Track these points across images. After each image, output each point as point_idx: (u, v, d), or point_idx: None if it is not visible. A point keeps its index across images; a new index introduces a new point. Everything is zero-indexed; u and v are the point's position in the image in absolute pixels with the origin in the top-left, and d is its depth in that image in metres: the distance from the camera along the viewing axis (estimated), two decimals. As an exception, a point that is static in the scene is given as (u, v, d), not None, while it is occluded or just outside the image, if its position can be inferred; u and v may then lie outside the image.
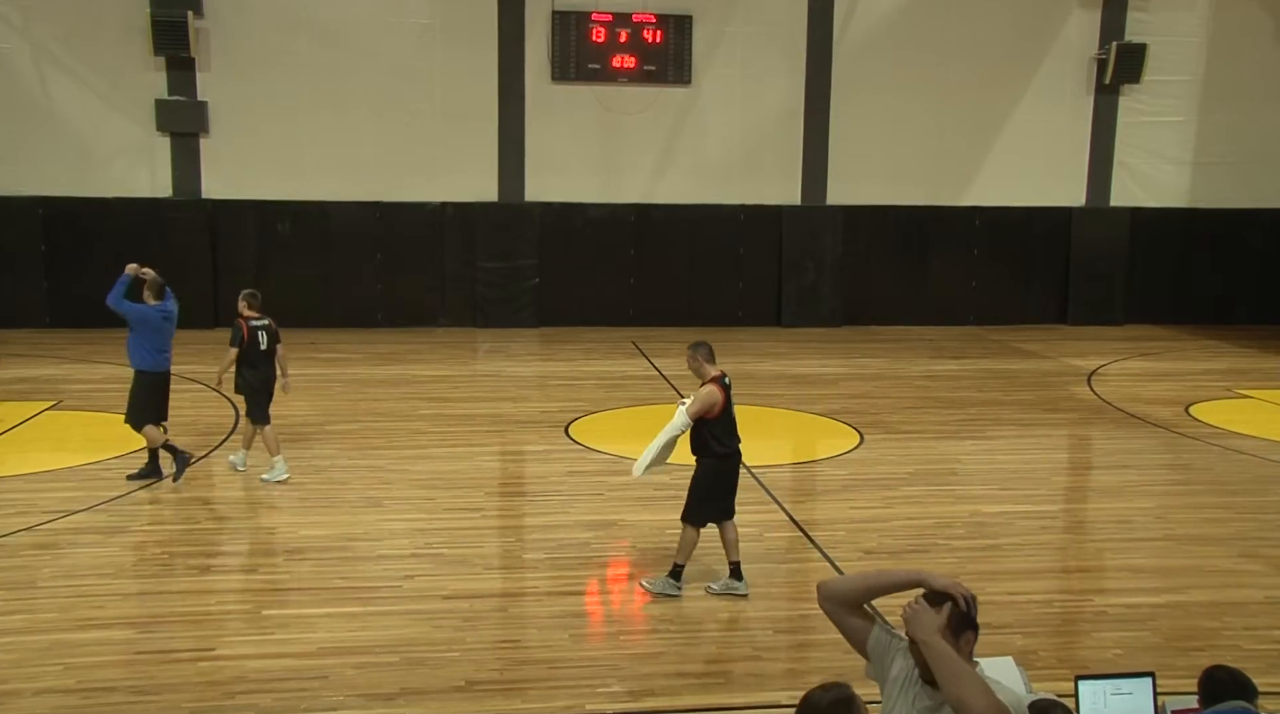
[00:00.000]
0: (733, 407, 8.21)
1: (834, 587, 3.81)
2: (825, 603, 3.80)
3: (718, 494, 8.22)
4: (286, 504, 10.30)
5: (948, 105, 20.84)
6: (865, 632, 3.75)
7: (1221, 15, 21.24)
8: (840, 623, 3.79)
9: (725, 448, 8.14)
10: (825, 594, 3.80)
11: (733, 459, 8.23)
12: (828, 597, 3.79)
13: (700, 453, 8.19)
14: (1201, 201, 21.64)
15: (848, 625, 3.78)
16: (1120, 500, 10.97)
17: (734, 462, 8.25)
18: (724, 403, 8.05)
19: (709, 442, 8.10)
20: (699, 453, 8.19)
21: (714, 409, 8.02)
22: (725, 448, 8.14)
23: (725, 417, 8.11)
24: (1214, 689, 4.42)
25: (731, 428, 8.19)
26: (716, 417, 8.06)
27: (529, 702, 6.73)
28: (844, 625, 3.79)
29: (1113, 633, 7.80)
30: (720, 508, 8.27)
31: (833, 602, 3.78)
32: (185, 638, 7.43)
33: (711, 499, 8.20)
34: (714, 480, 8.17)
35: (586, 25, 19.67)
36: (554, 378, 16.34)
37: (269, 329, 11.17)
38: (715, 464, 8.15)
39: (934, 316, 21.06)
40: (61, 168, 18.87)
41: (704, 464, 8.19)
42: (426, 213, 19.88)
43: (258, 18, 19.14)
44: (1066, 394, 15.64)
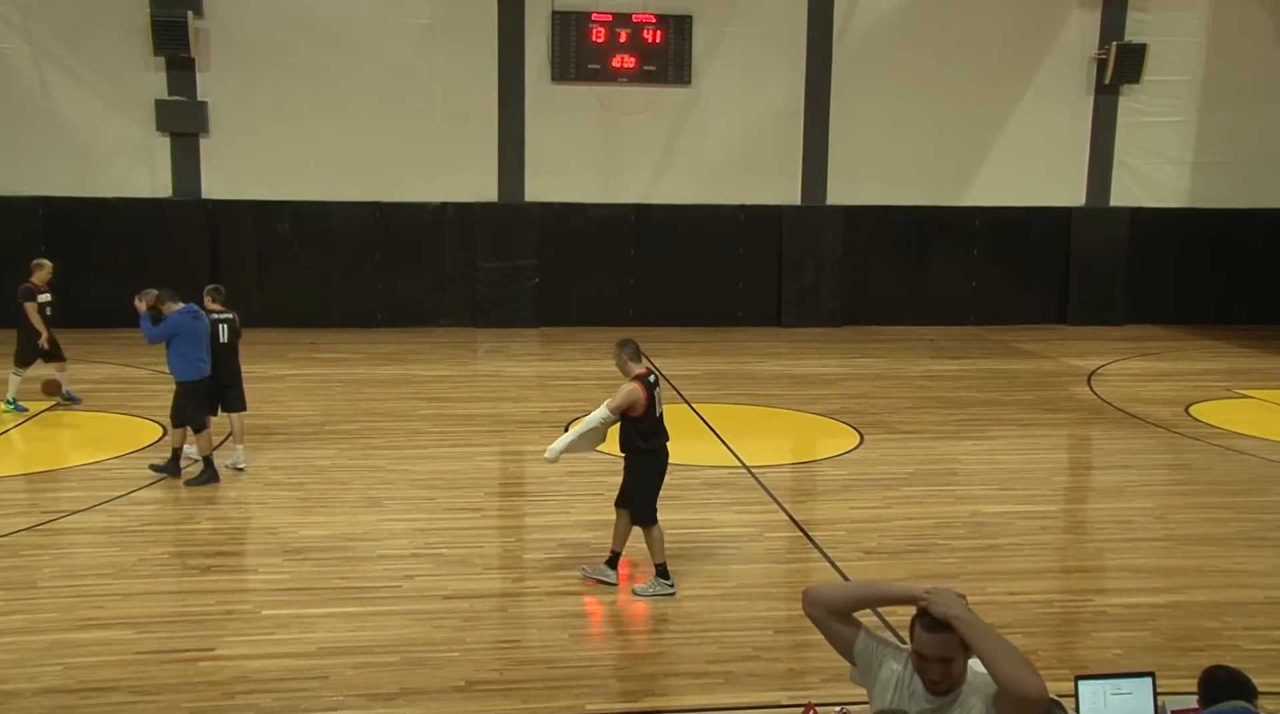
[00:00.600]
0: (658, 405, 8.31)
1: (821, 594, 3.80)
2: (811, 609, 3.79)
3: (655, 488, 8.37)
4: (286, 504, 10.30)
5: (948, 105, 20.84)
6: (851, 637, 3.76)
7: (1221, 15, 21.24)
8: (825, 629, 3.80)
9: (649, 445, 8.28)
10: (811, 600, 3.79)
11: (659, 456, 8.37)
12: (813, 603, 3.78)
13: (627, 450, 8.33)
14: (1201, 201, 21.64)
15: (833, 632, 3.79)
16: (1120, 500, 10.97)
17: (660, 458, 8.39)
18: (647, 401, 8.15)
19: (634, 439, 8.24)
20: (626, 450, 8.34)
21: (636, 407, 8.13)
22: (649, 445, 8.28)
23: (649, 415, 8.21)
24: (1214, 689, 4.42)
25: (657, 426, 8.32)
26: (640, 415, 8.17)
27: (529, 702, 6.73)
28: (829, 631, 3.80)
29: (1113, 633, 7.81)
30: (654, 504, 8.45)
31: (818, 608, 3.77)
32: (185, 638, 7.43)
33: (653, 493, 8.35)
34: (646, 475, 8.31)
35: (586, 25, 19.67)
36: (554, 378, 16.34)
37: (231, 323, 11.32)
38: (641, 460, 8.28)
39: (934, 316, 21.06)
40: (61, 168, 18.87)
41: (630, 461, 8.34)
42: (426, 213, 19.88)
43: (258, 18, 19.14)
44: (1066, 394, 15.65)
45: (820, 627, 3.80)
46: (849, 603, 3.79)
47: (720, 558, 9.10)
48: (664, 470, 8.43)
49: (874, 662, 3.71)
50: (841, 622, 3.77)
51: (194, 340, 10.83)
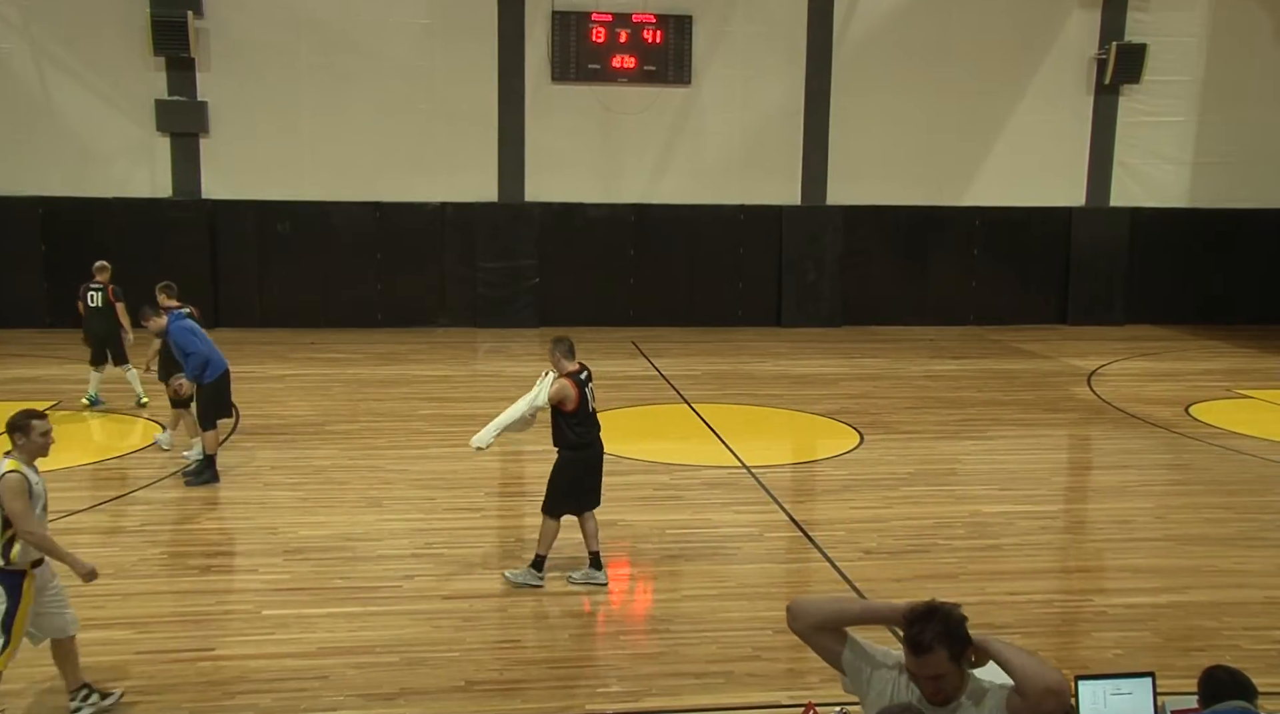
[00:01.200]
0: (590, 402, 8.43)
1: (804, 608, 3.78)
2: (794, 623, 3.77)
3: (577, 487, 8.46)
4: (286, 504, 10.30)
5: (948, 105, 20.83)
6: (838, 650, 3.74)
7: (1221, 15, 21.24)
8: (811, 643, 3.78)
9: (581, 440, 8.38)
10: (794, 615, 3.77)
11: (590, 450, 8.45)
12: (796, 617, 3.76)
13: (559, 444, 8.43)
14: (1201, 201, 21.64)
15: (819, 645, 3.77)
16: (1120, 500, 10.97)
17: (591, 453, 8.49)
18: (578, 398, 8.28)
19: (566, 433, 8.36)
20: (558, 444, 8.43)
21: (568, 402, 8.26)
22: (581, 440, 8.38)
23: (581, 410, 8.33)
24: (1214, 689, 4.42)
25: (588, 421, 8.42)
26: (572, 410, 8.29)
27: (529, 702, 6.73)
28: (815, 645, 3.78)
29: (1113, 633, 7.81)
30: (579, 501, 8.52)
31: (802, 623, 3.75)
32: (185, 638, 7.43)
33: (571, 492, 8.45)
34: (572, 472, 8.40)
35: (586, 25, 19.67)
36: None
37: (192, 318, 11.48)
38: (572, 455, 8.38)
39: (934, 316, 21.07)
40: (61, 168, 18.87)
41: (562, 456, 8.43)
42: (426, 213, 19.88)
43: (258, 18, 19.14)
44: (1066, 394, 15.64)
45: (806, 641, 3.79)
46: (832, 619, 3.76)
47: (720, 558, 9.10)
48: (596, 465, 8.58)
49: (865, 672, 3.70)
50: (827, 636, 3.74)
51: (204, 341, 10.87)
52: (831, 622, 3.74)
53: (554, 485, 8.43)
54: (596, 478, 8.59)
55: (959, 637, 3.45)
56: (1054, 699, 3.32)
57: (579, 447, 8.37)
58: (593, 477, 8.55)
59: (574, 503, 8.49)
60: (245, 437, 12.59)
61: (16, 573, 6.08)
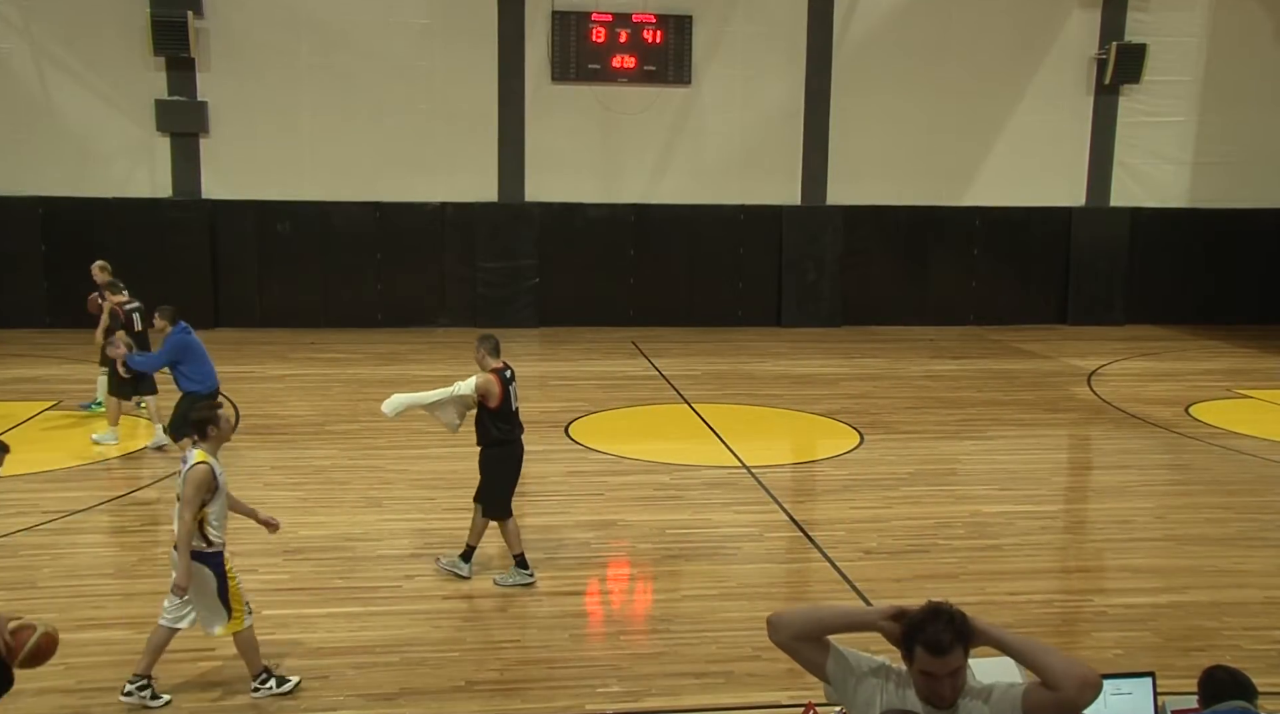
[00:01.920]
0: (514, 399, 8.56)
1: (784, 620, 3.74)
2: (775, 635, 3.72)
3: (510, 483, 8.61)
4: (286, 504, 10.29)
5: (948, 105, 20.83)
6: (821, 660, 3.70)
7: (1221, 15, 21.24)
8: (794, 654, 3.74)
9: (504, 435, 8.51)
10: (775, 627, 3.73)
11: (511, 447, 8.57)
12: (777, 629, 3.72)
13: (482, 441, 8.54)
14: (1201, 201, 21.64)
15: (802, 657, 3.73)
16: (1120, 500, 10.97)
17: (513, 450, 8.59)
18: (502, 395, 8.42)
19: (490, 429, 8.49)
20: (481, 442, 8.55)
21: (491, 398, 8.39)
22: (504, 435, 8.51)
23: (504, 408, 8.46)
24: (1214, 689, 4.42)
25: (511, 418, 8.55)
26: (496, 407, 8.42)
27: (529, 702, 6.73)
28: (798, 657, 3.74)
29: (1113, 633, 7.81)
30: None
31: (783, 634, 3.71)
32: (185, 638, 7.41)
33: (506, 486, 8.58)
34: (500, 467, 8.55)
35: (586, 25, 19.67)
36: (554, 378, 16.33)
37: (140, 311, 11.81)
38: (496, 451, 8.51)
39: (934, 316, 21.06)
40: (61, 168, 18.87)
41: (486, 453, 8.55)
42: (426, 213, 19.88)
43: (258, 18, 19.14)
44: (1066, 394, 15.64)
45: (789, 653, 3.74)
46: (812, 628, 3.71)
47: (720, 558, 9.10)
48: (518, 464, 8.68)
49: (850, 681, 3.66)
50: (808, 647, 3.70)
51: (198, 356, 10.91)
52: (811, 631, 3.70)
53: (491, 488, 8.53)
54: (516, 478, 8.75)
55: (967, 633, 3.45)
56: (1092, 692, 3.34)
57: (502, 443, 8.50)
58: (518, 474, 8.71)
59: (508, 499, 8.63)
60: (245, 436, 12.59)
61: (216, 554, 6.63)
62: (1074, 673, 3.36)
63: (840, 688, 3.69)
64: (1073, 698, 3.35)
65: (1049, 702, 3.38)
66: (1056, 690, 3.36)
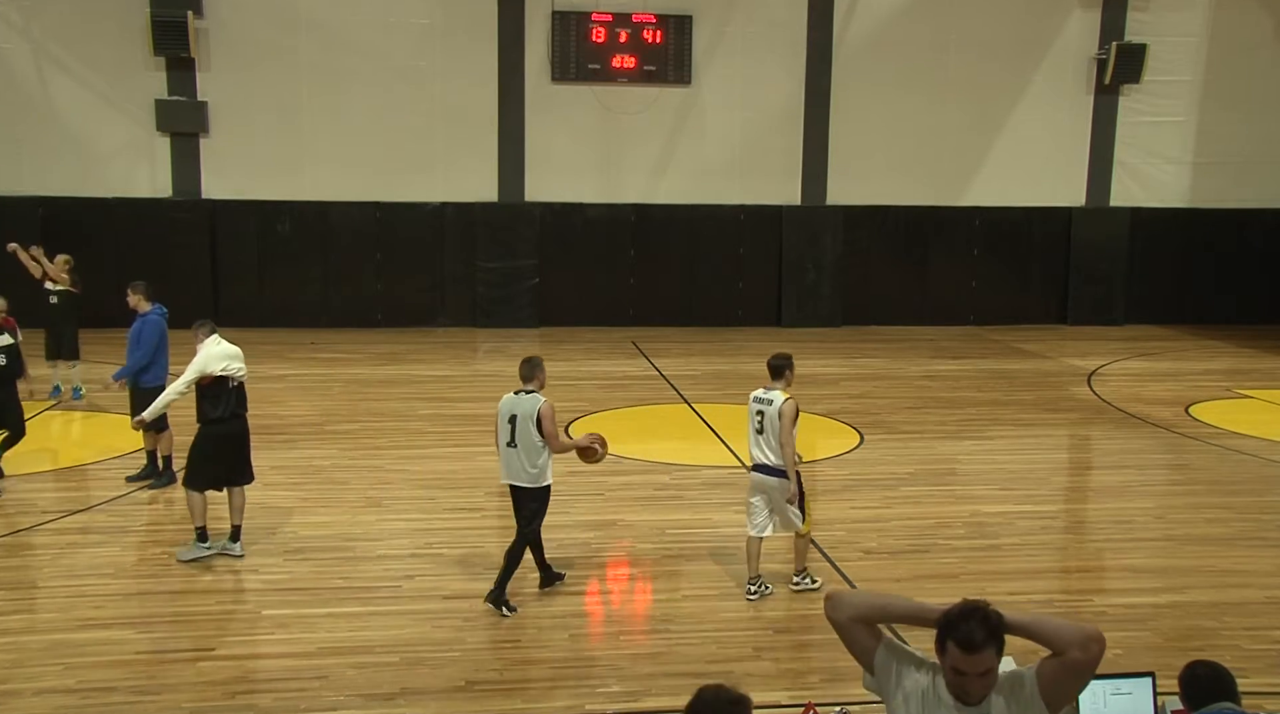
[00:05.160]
0: (232, 380, 8.86)
1: (845, 599, 3.76)
2: (834, 613, 3.74)
3: (215, 458, 8.82)
4: (286, 504, 10.29)
5: (947, 105, 20.84)
6: (872, 647, 3.71)
7: (1221, 15, 21.24)
8: (846, 635, 3.75)
9: (217, 415, 8.78)
10: (835, 604, 3.75)
11: (225, 425, 8.84)
12: (837, 607, 3.73)
13: (199, 419, 8.84)
14: (1201, 201, 21.65)
15: (853, 639, 3.74)
16: (1120, 500, 10.96)
17: (227, 428, 8.86)
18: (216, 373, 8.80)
19: (204, 408, 8.81)
20: (199, 420, 8.85)
21: (205, 378, 8.75)
22: (217, 415, 8.78)
23: (219, 385, 8.77)
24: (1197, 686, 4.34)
25: (226, 396, 8.81)
26: (210, 385, 8.76)
27: (529, 702, 6.73)
28: (849, 638, 3.75)
29: (1113, 633, 7.68)
30: (220, 474, 8.91)
31: (842, 613, 3.72)
32: (185, 638, 7.43)
33: (209, 463, 8.83)
34: (208, 445, 8.83)
35: (586, 25, 19.67)
36: (554, 378, 16.14)
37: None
38: (207, 429, 8.83)
39: (934, 316, 21.06)
40: (61, 168, 18.87)
41: (200, 430, 8.86)
42: (426, 213, 19.88)
43: (258, 18, 19.14)
44: (1066, 394, 15.64)
45: (841, 632, 3.75)
46: (873, 613, 3.73)
47: (720, 558, 9.10)
48: (237, 439, 8.96)
49: (893, 672, 3.68)
50: (863, 630, 3.71)
51: (165, 344, 10.73)
52: (871, 616, 3.72)
53: (192, 458, 8.88)
54: (242, 452, 9.00)
55: (1000, 633, 3.46)
56: (1097, 645, 3.37)
57: (214, 421, 8.77)
58: (236, 451, 8.95)
59: (213, 474, 8.83)
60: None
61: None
62: (1077, 632, 3.40)
63: (883, 677, 3.70)
64: (1078, 657, 3.38)
65: (1059, 668, 3.41)
66: (1062, 654, 3.40)
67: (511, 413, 8.05)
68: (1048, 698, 3.43)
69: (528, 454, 7.95)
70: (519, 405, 8.05)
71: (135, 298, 10.84)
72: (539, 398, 8.04)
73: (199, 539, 8.84)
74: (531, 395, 8.10)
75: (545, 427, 7.86)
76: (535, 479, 7.98)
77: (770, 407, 8.22)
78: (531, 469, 7.97)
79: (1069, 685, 3.44)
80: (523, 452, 7.95)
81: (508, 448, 8.02)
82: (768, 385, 8.41)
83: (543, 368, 8.34)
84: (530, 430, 7.93)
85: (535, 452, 7.94)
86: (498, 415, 8.17)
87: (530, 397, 8.09)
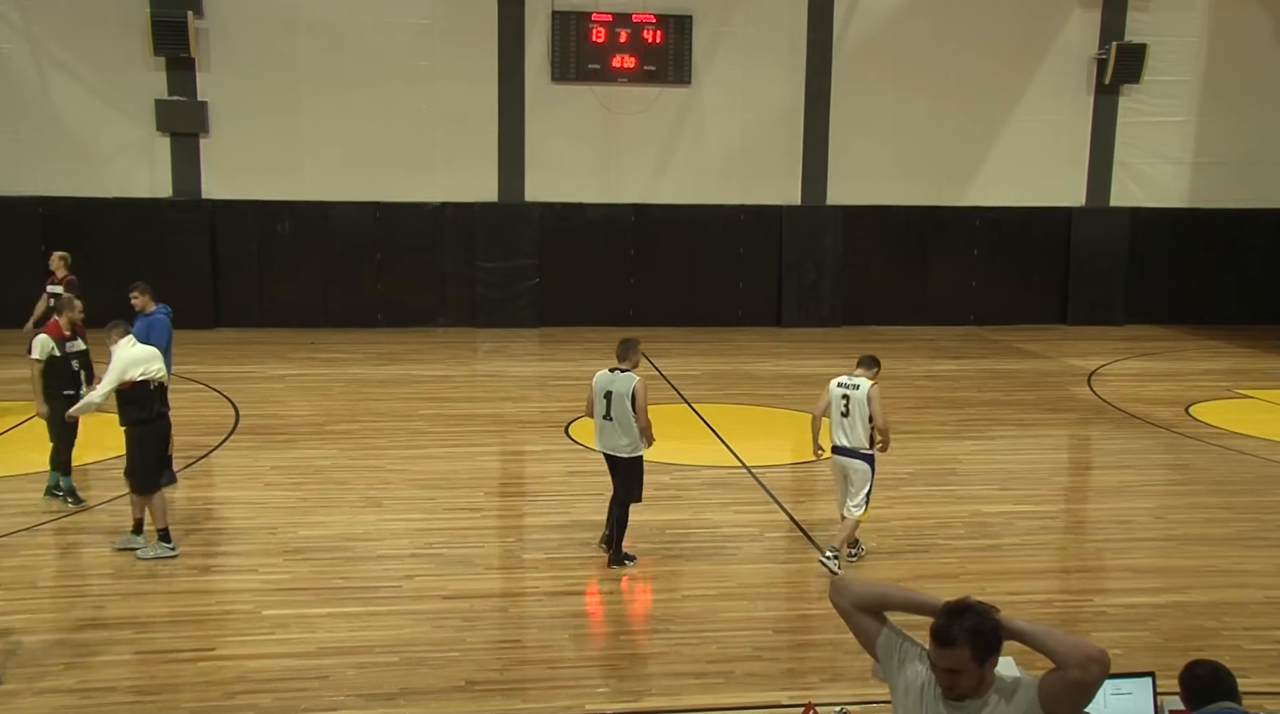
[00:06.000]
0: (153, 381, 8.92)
1: (849, 586, 3.84)
2: (838, 598, 3.82)
3: (154, 458, 8.91)
4: (286, 504, 10.30)
5: (948, 105, 20.83)
6: (875, 632, 3.77)
7: (1221, 15, 21.24)
8: (850, 621, 3.82)
9: (146, 415, 8.85)
10: (838, 590, 3.84)
11: (154, 426, 8.92)
12: (840, 592, 3.82)
13: (125, 422, 8.89)
14: (1201, 201, 21.64)
15: (858, 625, 3.80)
16: (1120, 500, 10.97)
17: (156, 429, 8.95)
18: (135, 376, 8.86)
19: (130, 412, 8.87)
20: (125, 423, 8.90)
21: (124, 383, 8.80)
22: (146, 415, 8.85)
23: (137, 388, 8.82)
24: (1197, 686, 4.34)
25: (151, 396, 8.88)
26: (128, 387, 8.81)
27: (529, 702, 6.73)
28: (853, 624, 3.81)
29: (1113, 633, 7.80)
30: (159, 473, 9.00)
31: (845, 599, 3.79)
32: (185, 638, 7.43)
33: (152, 463, 8.87)
34: (142, 444, 8.87)
35: (586, 25, 19.67)
36: (554, 378, 16.34)
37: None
38: (135, 430, 8.86)
39: (934, 316, 21.05)
40: (61, 168, 18.86)
41: (134, 434, 8.89)
42: (426, 213, 19.88)
43: (258, 18, 19.13)
44: (1066, 394, 15.64)
45: (846, 619, 3.82)
46: (876, 600, 3.79)
47: (720, 558, 9.11)
48: (165, 439, 9.04)
49: (896, 659, 3.73)
50: (867, 616, 3.78)
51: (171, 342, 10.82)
52: (875, 604, 3.78)
53: (135, 464, 8.83)
54: (167, 451, 9.12)
55: (986, 640, 3.48)
56: (1097, 667, 3.36)
57: (139, 422, 8.80)
58: (165, 450, 9.06)
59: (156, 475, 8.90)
60: (245, 436, 12.60)
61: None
62: (1078, 650, 3.39)
63: (886, 662, 3.76)
64: (1078, 676, 3.37)
65: (1058, 683, 3.41)
66: (1064, 670, 3.40)
67: (607, 389, 8.75)
68: (1048, 710, 3.43)
69: (623, 427, 8.72)
70: (614, 382, 8.76)
71: (143, 298, 10.93)
72: (633, 376, 8.78)
73: (162, 539, 8.85)
74: (626, 374, 8.79)
75: (639, 402, 8.63)
76: (630, 450, 8.77)
77: (857, 391, 9.06)
78: (626, 440, 8.74)
79: (1067, 702, 3.43)
80: (618, 425, 8.73)
81: (604, 421, 8.78)
82: (852, 372, 9.23)
83: (638, 349, 9.01)
84: (625, 405, 8.67)
85: (629, 424, 8.67)
86: (592, 390, 8.87)
87: (625, 375, 8.78)
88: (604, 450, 8.92)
